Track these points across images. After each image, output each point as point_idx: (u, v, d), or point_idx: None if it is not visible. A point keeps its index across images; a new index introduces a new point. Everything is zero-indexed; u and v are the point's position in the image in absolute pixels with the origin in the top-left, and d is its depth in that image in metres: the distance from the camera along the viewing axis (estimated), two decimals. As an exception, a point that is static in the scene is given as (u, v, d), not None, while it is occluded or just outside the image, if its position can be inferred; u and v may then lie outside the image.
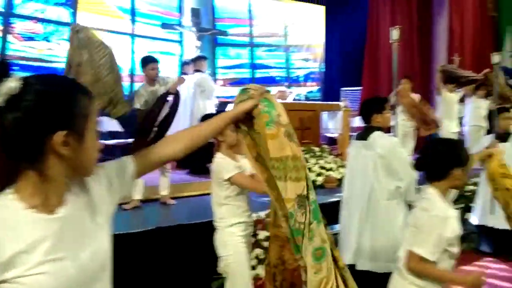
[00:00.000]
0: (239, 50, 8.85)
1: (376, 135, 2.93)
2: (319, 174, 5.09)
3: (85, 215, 0.95)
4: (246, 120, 1.39)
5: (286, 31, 9.32)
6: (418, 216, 1.82)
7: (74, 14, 6.64)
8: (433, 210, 1.75)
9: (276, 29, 9.25)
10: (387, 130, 3.14)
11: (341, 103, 6.32)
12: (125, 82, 7.00)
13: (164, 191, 4.26)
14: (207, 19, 8.10)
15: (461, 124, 6.89)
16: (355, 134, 3.33)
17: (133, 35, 7.23)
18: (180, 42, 7.68)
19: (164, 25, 7.34)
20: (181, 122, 5.27)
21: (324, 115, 6.52)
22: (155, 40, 7.45)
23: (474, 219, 4.56)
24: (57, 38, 6.46)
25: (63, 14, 6.58)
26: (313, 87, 9.71)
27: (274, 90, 6.80)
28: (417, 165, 1.94)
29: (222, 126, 1.32)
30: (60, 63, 6.17)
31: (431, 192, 1.81)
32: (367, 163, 2.91)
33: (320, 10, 9.57)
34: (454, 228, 1.75)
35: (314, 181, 5.05)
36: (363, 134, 3.05)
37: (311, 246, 1.40)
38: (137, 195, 4.02)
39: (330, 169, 5.19)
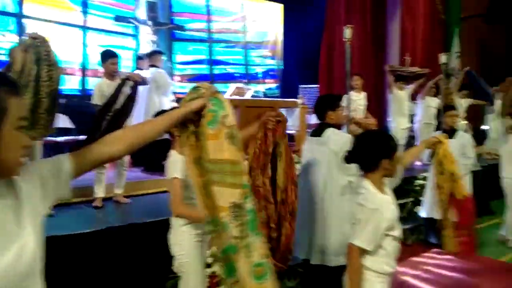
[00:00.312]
0: (197, 46, 8.72)
1: (330, 132, 2.99)
2: (276, 171, 5.10)
3: (8, 217, 0.88)
4: (195, 120, 1.34)
5: (244, 27, 9.30)
6: (356, 210, 1.89)
7: (20, 4, 6.26)
8: (368, 203, 1.82)
9: (234, 25, 9.21)
10: (339, 126, 3.20)
11: (298, 100, 6.39)
12: (76, 77, 6.77)
13: (118, 190, 4.15)
14: (164, 13, 7.91)
15: (412, 121, 7.18)
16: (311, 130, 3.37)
17: (84, 28, 6.93)
18: (135, 36, 7.44)
19: (118, 18, 7.09)
20: (135, 119, 5.12)
21: (282, 112, 6.56)
22: (109, 34, 7.18)
23: (422, 212, 4.77)
24: (0, 29, 6.08)
25: (8, 3, 6.19)
26: (271, 84, 9.75)
27: (232, 86, 6.76)
28: (347, 159, 1.97)
29: (170, 125, 1.27)
30: (3, 56, 5.81)
31: (366, 184, 1.88)
32: (321, 159, 2.96)
33: (277, 8, 9.62)
34: (390, 215, 1.83)
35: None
36: (317, 131, 3.10)
37: (248, 262, 1.29)
38: (101, 192, 3.95)
39: (288, 166, 5.22)
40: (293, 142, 6.19)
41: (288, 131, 6.79)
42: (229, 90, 6.36)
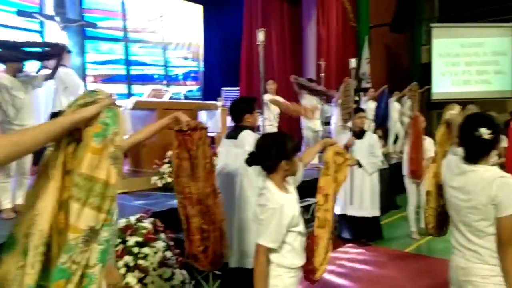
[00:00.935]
0: (111, 45, 8.30)
1: (245, 133, 3.00)
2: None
3: None
4: (83, 128, 1.21)
5: (163, 28, 9.06)
6: (258, 211, 1.91)
7: None
8: (269, 203, 1.85)
9: (152, 25, 8.93)
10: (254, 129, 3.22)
11: (218, 103, 6.37)
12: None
13: (18, 200, 3.80)
14: (74, 9, 7.40)
15: (329, 123, 7.55)
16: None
17: (-20, 22, 6.24)
18: (40, 32, 6.87)
19: (21, 13, 6.49)
20: (41, 122, 4.72)
21: (203, 115, 6.50)
22: (9, 29, 6.54)
23: (336, 209, 5.02)
24: None
25: None
26: (193, 86, 9.62)
27: (148, 88, 6.54)
28: (248, 161, 1.99)
29: (58, 134, 1.13)
30: None
31: (268, 185, 1.91)
32: (237, 161, 2.95)
33: (198, 9, 9.53)
34: (291, 212, 1.88)
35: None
36: (233, 133, 3.10)
37: None
38: (8, 203, 3.70)
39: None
40: (214, 145, 6.16)
41: (209, 134, 6.78)
42: (145, 92, 6.14)
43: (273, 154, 1.89)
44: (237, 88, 8.89)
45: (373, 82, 9.66)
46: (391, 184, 6.27)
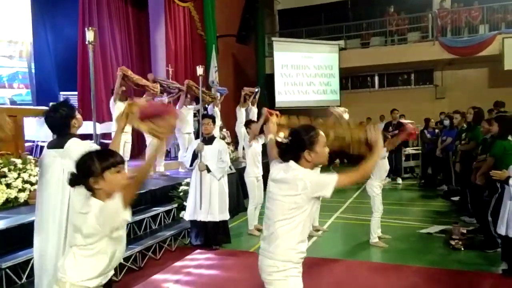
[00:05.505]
0: None
1: (73, 143, 2.71)
2: (21, 190, 4.36)
3: None
4: None
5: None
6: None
7: None
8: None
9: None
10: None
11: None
12: None
13: None
14: None
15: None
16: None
17: None
18: None
19: None
20: None
21: (32, 122, 5.71)
22: None
23: (186, 215, 4.94)
24: None
25: None
26: (21, 90, 8.37)
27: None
28: (71, 182, 1.82)
29: None
30: None
31: (93, 203, 1.75)
32: (61, 172, 2.64)
33: (25, 2, 8.27)
34: None
35: (16, 198, 4.31)
36: (58, 142, 2.77)
37: None
38: None
39: (36, 183, 4.54)
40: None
41: (41, 143, 5.95)
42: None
43: (84, 171, 1.74)
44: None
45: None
46: (240, 187, 6.51)
